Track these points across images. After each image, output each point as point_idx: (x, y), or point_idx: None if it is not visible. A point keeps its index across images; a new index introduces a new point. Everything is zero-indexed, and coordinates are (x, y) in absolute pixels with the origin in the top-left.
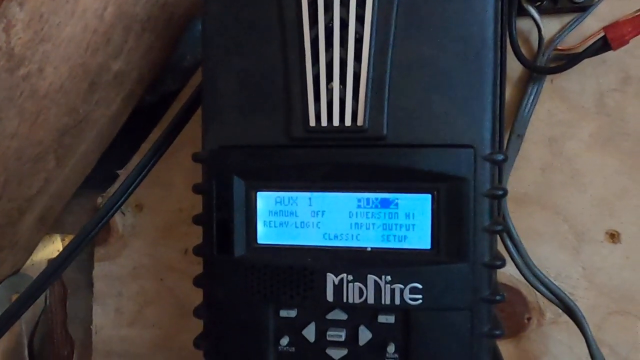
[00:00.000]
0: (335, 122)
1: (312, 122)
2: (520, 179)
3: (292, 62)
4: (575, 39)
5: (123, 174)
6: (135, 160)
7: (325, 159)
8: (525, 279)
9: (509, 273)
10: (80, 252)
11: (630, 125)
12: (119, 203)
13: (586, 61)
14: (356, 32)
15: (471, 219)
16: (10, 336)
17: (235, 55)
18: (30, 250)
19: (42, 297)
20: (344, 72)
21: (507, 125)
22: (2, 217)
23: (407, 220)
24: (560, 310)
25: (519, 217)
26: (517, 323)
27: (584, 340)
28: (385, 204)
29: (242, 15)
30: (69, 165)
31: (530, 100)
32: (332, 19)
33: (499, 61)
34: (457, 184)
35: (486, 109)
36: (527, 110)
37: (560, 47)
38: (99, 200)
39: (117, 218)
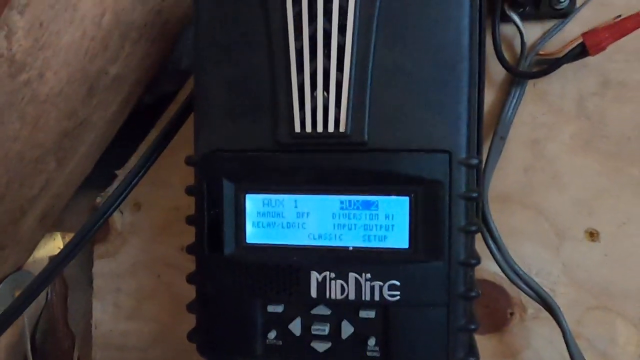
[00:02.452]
0: (320, 128)
1: (298, 129)
2: (503, 179)
3: (278, 71)
4: (557, 44)
5: (121, 174)
6: (133, 160)
7: (310, 164)
8: (506, 275)
9: (493, 270)
10: (80, 250)
11: (609, 128)
12: (117, 202)
13: (567, 65)
14: (339, 43)
15: (447, 220)
16: (13, 331)
17: (224, 64)
18: (31, 248)
19: (44, 293)
20: (327, 81)
21: (490, 127)
22: (5, 217)
23: (387, 221)
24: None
25: (502, 216)
26: (500, 318)
27: None
28: (366, 205)
29: (231, 26)
30: (69, 166)
31: (513, 104)
32: (316, 30)
33: (476, 68)
34: (434, 186)
35: (462, 114)
36: (509, 113)
37: (542, 52)
38: (98, 199)
39: (116, 217)
